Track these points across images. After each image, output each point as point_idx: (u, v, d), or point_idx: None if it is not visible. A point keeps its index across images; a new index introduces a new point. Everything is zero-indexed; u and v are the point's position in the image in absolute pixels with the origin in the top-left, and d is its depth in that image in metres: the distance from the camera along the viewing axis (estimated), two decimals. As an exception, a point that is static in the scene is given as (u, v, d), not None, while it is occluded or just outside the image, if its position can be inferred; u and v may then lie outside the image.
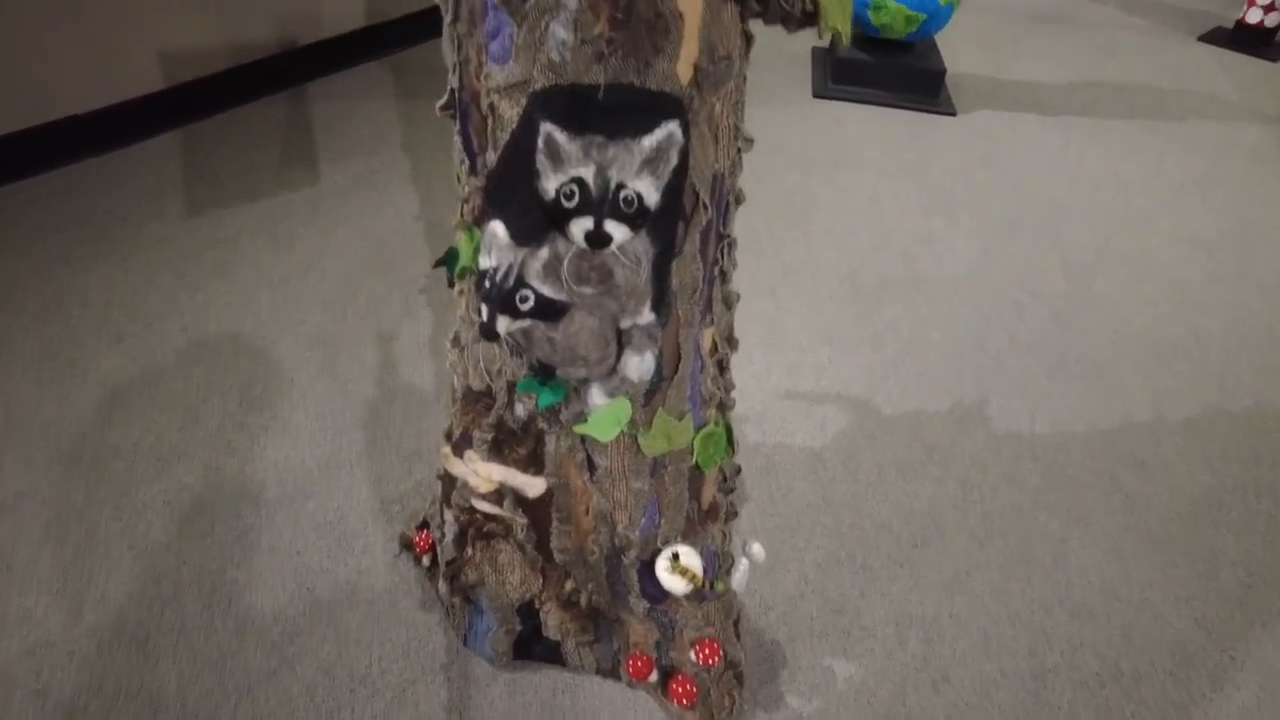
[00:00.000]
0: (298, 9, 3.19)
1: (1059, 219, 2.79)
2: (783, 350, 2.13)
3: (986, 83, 3.71)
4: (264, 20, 3.10)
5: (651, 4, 0.77)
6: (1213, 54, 4.47)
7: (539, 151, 0.85)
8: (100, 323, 2.11)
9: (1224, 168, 3.25)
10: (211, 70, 2.98)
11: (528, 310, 0.94)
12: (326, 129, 2.97)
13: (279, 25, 3.14)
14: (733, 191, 1.04)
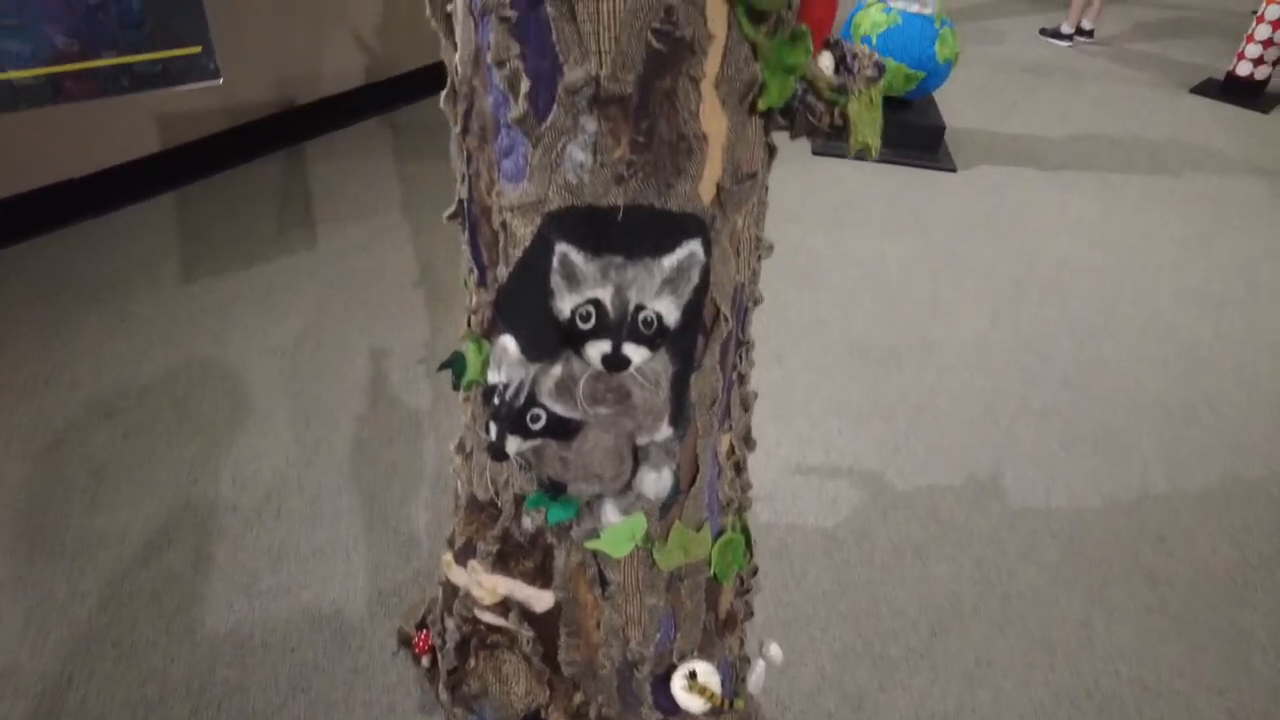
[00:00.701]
0: (297, 69, 3.18)
1: (1065, 278, 2.77)
2: (792, 421, 2.08)
3: (985, 137, 3.72)
4: (264, 81, 3.09)
5: (674, 126, 0.73)
6: (1205, 106, 4.51)
7: (554, 272, 0.81)
8: (89, 397, 2.05)
9: (1225, 223, 3.25)
10: (209, 131, 2.96)
11: (539, 429, 0.89)
12: (324, 190, 2.95)
13: (278, 86, 3.14)
14: (752, 297, 0.99)
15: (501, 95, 0.74)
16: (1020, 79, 4.58)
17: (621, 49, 0.67)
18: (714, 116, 0.74)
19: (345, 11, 3.29)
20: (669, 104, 0.71)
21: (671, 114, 0.72)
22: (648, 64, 0.68)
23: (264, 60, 3.06)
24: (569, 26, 0.67)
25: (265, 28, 3.01)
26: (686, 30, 0.67)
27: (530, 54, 0.70)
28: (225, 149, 3.02)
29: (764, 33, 0.71)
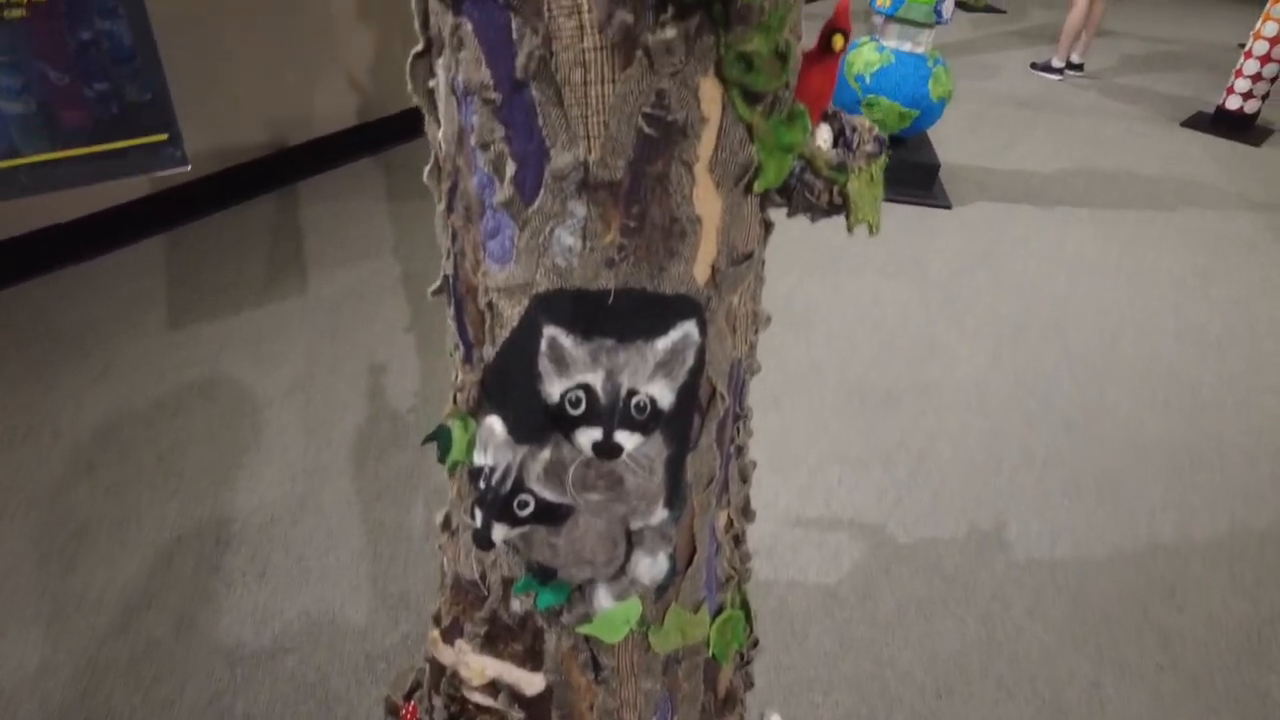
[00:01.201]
0: (290, 110, 3.17)
1: (1063, 318, 2.74)
2: (791, 471, 2.04)
3: (980, 173, 3.72)
4: (255, 123, 3.08)
5: (666, 210, 0.69)
6: (1196, 139, 4.53)
7: (542, 355, 0.77)
8: (71, 451, 2.00)
9: (1221, 258, 3.24)
10: (199, 174, 2.94)
11: (527, 516, 0.84)
12: (316, 233, 2.92)
13: (269, 127, 3.12)
14: (749, 370, 0.96)
15: (486, 177, 0.71)
16: (1013, 113, 4.60)
17: (611, 134, 0.64)
18: (708, 198, 0.70)
19: (337, 52, 3.29)
20: (661, 188, 0.68)
21: (664, 198, 0.68)
22: (638, 148, 0.65)
23: (256, 102, 3.05)
24: (555, 111, 0.64)
25: (257, 69, 3.01)
26: (679, 114, 0.64)
27: (516, 137, 0.67)
28: (215, 191, 2.99)
29: (760, 113, 0.68)
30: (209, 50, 2.83)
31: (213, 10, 2.79)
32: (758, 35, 0.62)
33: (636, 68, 0.61)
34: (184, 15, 2.72)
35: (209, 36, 2.81)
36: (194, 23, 2.75)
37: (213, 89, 2.90)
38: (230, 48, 2.88)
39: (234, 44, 2.89)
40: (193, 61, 2.80)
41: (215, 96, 2.91)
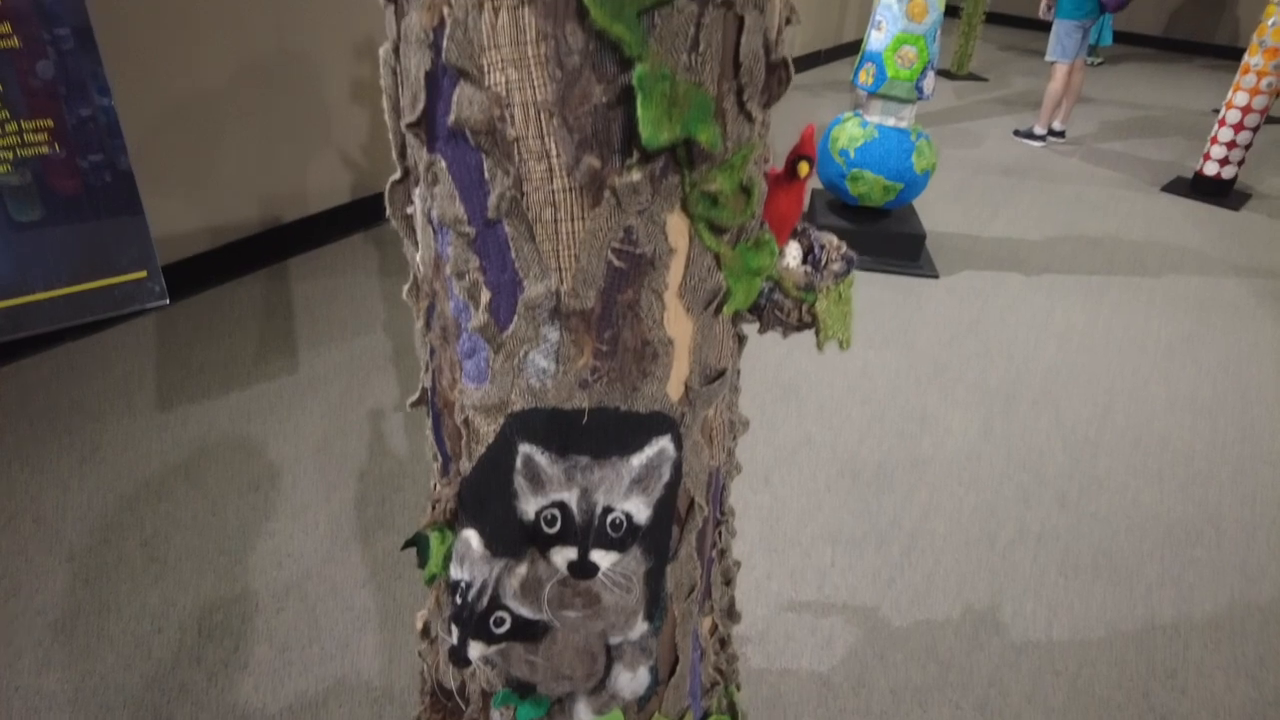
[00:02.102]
0: (284, 188, 3.22)
1: (1054, 388, 2.75)
2: (783, 551, 2.01)
3: (966, 241, 3.78)
4: (249, 201, 3.12)
5: (638, 334, 0.70)
6: (1177, 204, 4.61)
7: (517, 472, 0.77)
8: (52, 538, 1.97)
9: (1208, 324, 3.27)
10: (192, 252, 2.97)
11: (504, 633, 0.83)
12: (307, 310, 2.94)
13: (263, 205, 3.17)
14: (729, 474, 0.95)
15: (462, 303, 0.72)
16: (997, 181, 4.69)
17: (582, 266, 0.65)
18: (679, 321, 0.71)
19: (332, 130, 3.36)
20: (632, 314, 0.69)
21: (635, 323, 0.69)
22: (609, 279, 0.66)
23: (250, 180, 3.10)
24: (528, 246, 0.65)
25: (252, 148, 3.07)
26: (647, 247, 0.65)
27: (490, 268, 0.68)
28: (208, 268, 3.02)
29: (727, 242, 0.69)
30: (206, 130, 2.89)
31: (210, 91, 2.86)
32: (721, 175, 0.64)
33: (605, 207, 0.63)
34: (182, 96, 2.78)
35: (206, 117, 2.87)
36: (192, 103, 2.82)
37: (208, 168, 2.95)
38: (226, 127, 2.95)
39: (230, 124, 2.95)
40: (189, 141, 2.86)
41: (210, 175, 2.96)
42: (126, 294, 0.77)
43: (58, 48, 0.85)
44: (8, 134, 0.66)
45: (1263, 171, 5.24)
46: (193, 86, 2.81)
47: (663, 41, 0.57)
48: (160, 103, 2.73)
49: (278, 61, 3.06)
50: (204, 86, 2.84)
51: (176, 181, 2.88)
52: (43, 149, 0.68)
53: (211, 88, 2.87)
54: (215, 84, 2.88)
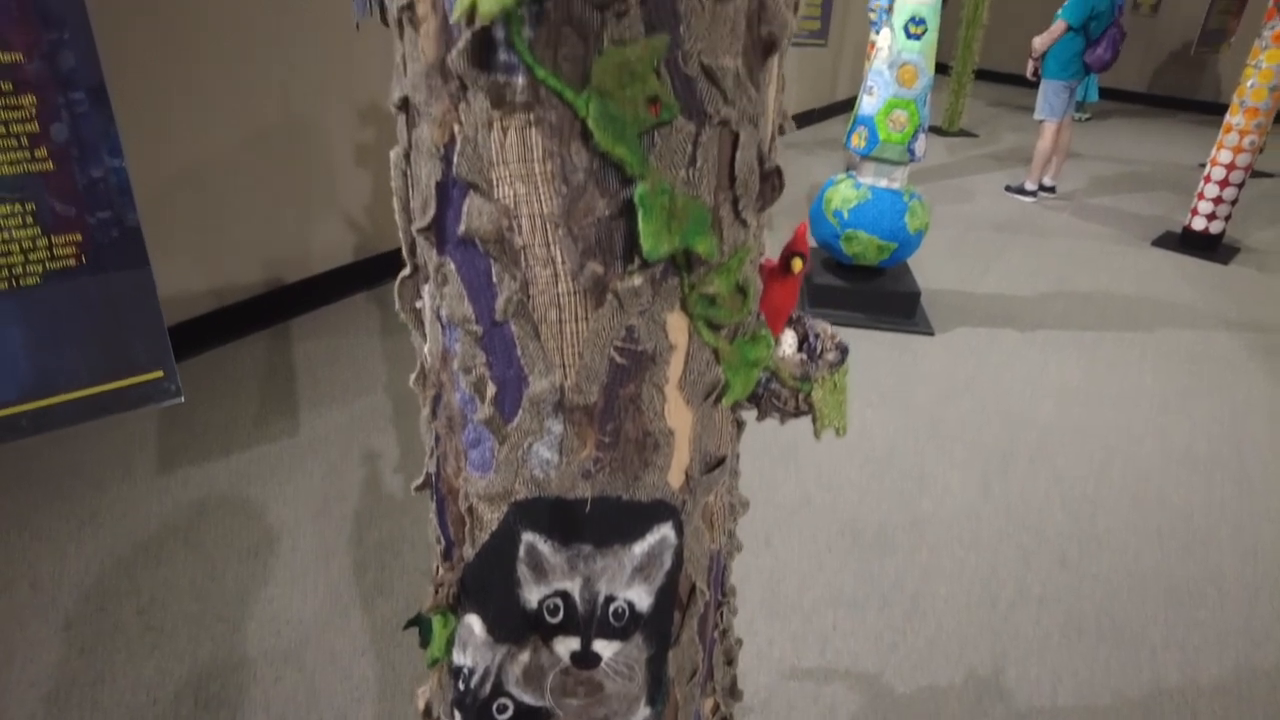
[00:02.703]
0: (288, 249, 3.28)
1: (1051, 444, 2.76)
2: (785, 616, 2.00)
3: (960, 298, 3.83)
4: (253, 262, 3.17)
5: (640, 425, 0.72)
6: (1167, 259, 4.68)
7: (520, 561, 0.78)
8: (48, 605, 1.96)
9: (1202, 379, 3.29)
10: (195, 313, 3.00)
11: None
12: (309, 370, 2.96)
13: (267, 266, 3.22)
14: (729, 555, 0.96)
15: (468, 396, 0.74)
16: (990, 237, 4.77)
17: (585, 363, 0.68)
18: (679, 413, 0.73)
19: (337, 193, 3.43)
20: (634, 406, 0.71)
21: (637, 415, 0.71)
22: (611, 375, 0.68)
23: (255, 242, 3.16)
24: (533, 344, 0.67)
25: (257, 210, 3.12)
26: (648, 344, 0.68)
27: (496, 364, 0.70)
28: (211, 329, 3.05)
29: (724, 337, 0.72)
30: (212, 193, 2.95)
31: (217, 154, 2.93)
32: (718, 277, 0.67)
33: (608, 308, 0.65)
34: (190, 160, 2.85)
35: (213, 180, 2.93)
36: (199, 167, 2.88)
37: (214, 230, 3.00)
38: (232, 190, 3.01)
39: (236, 186, 3.01)
40: (196, 204, 2.92)
41: (216, 237, 3.02)
42: (143, 394, 0.79)
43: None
44: (38, 248, 0.69)
45: (1250, 225, 5.33)
46: (200, 151, 2.87)
47: (662, 158, 0.60)
48: (168, 167, 2.79)
49: (284, 126, 3.14)
50: (211, 150, 2.91)
51: (183, 244, 2.92)
52: (70, 262, 0.71)
53: (219, 152, 2.93)
54: (222, 148, 2.94)
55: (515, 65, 0.57)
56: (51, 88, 0.83)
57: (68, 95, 0.86)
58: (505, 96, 0.58)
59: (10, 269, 0.67)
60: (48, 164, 0.67)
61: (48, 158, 0.67)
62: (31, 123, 0.66)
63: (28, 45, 0.68)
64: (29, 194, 0.67)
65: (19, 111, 0.65)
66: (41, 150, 0.67)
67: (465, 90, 0.59)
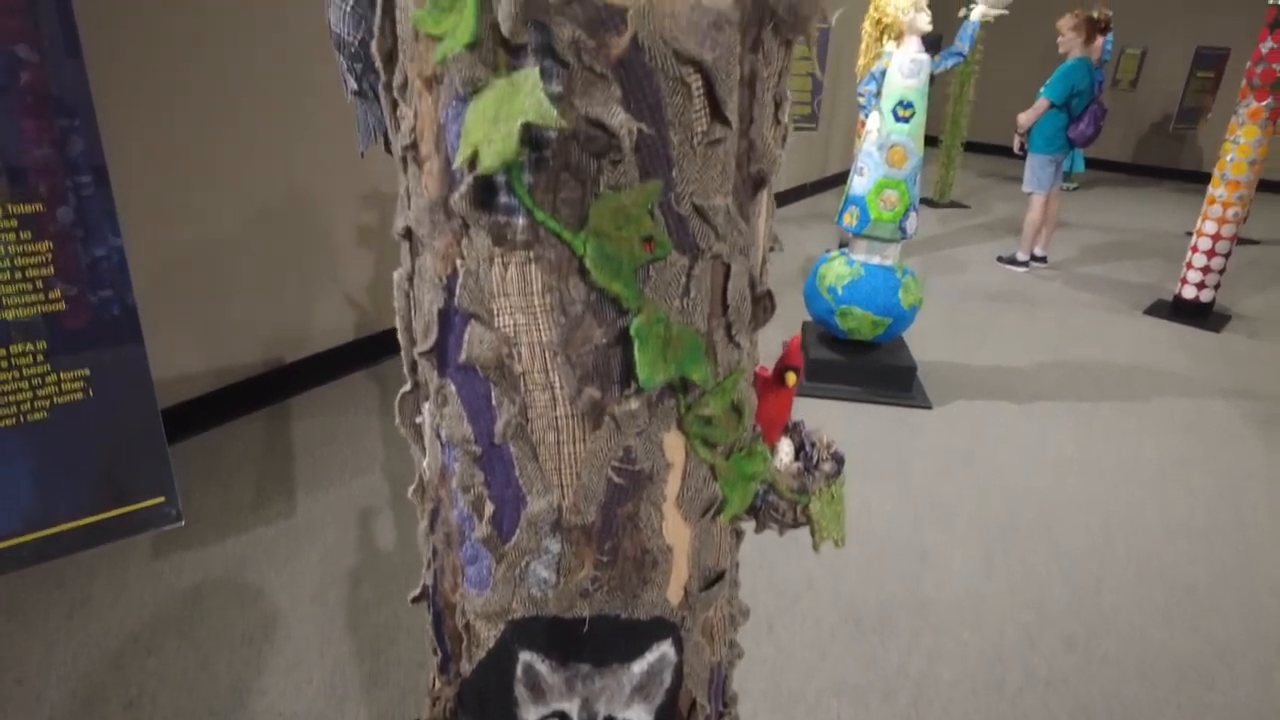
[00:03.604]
0: (288, 329, 3.31)
1: (1052, 519, 2.75)
2: (789, 708, 1.96)
3: (957, 370, 3.85)
4: (253, 342, 3.20)
5: (638, 543, 0.73)
6: (1160, 327, 4.73)
7: (518, 681, 0.77)
8: (33, 701, 1.91)
9: (1200, 448, 3.29)
10: (194, 394, 3.01)
11: (505, 842, 0.81)
12: (307, 450, 2.96)
13: (267, 345, 3.24)
14: (731, 664, 0.95)
15: (466, 513, 0.74)
16: (984, 307, 4.83)
17: (583, 483, 0.68)
18: (677, 529, 0.74)
19: (338, 272, 3.48)
20: (632, 525, 0.71)
21: (634, 533, 0.72)
22: (609, 494, 0.69)
23: (256, 322, 3.19)
24: (532, 465, 0.68)
25: (258, 290, 3.16)
26: (645, 464, 0.69)
27: (494, 483, 0.71)
28: (210, 409, 3.06)
29: (721, 454, 0.73)
30: (214, 273, 3.00)
31: (220, 235, 2.98)
32: (714, 399, 0.68)
33: (605, 430, 0.67)
34: (193, 240, 2.90)
35: (215, 260, 2.98)
36: (202, 247, 2.93)
37: (215, 310, 3.04)
38: (234, 270, 3.05)
39: (238, 267, 3.06)
40: (198, 284, 2.96)
41: (217, 317, 3.05)
42: (144, 519, 0.80)
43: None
44: (46, 384, 0.70)
45: (1239, 292, 5.41)
46: (203, 231, 2.93)
47: (657, 290, 0.62)
48: (170, 247, 2.84)
49: (287, 207, 3.20)
50: (214, 231, 2.97)
51: (183, 324, 2.95)
52: (77, 395, 0.72)
53: (221, 232, 2.99)
54: (225, 228, 3.00)
55: (516, 207, 0.60)
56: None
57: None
58: (506, 235, 0.61)
59: (19, 405, 0.69)
60: (60, 304, 0.69)
61: (60, 298, 0.69)
62: (47, 267, 0.69)
63: (49, 193, 0.71)
64: (41, 333, 0.70)
65: (36, 257, 0.67)
66: (55, 292, 0.69)
67: (467, 228, 0.62)
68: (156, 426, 0.78)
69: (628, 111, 0.55)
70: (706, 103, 0.57)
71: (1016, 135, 5.39)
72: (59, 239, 0.68)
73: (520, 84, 0.53)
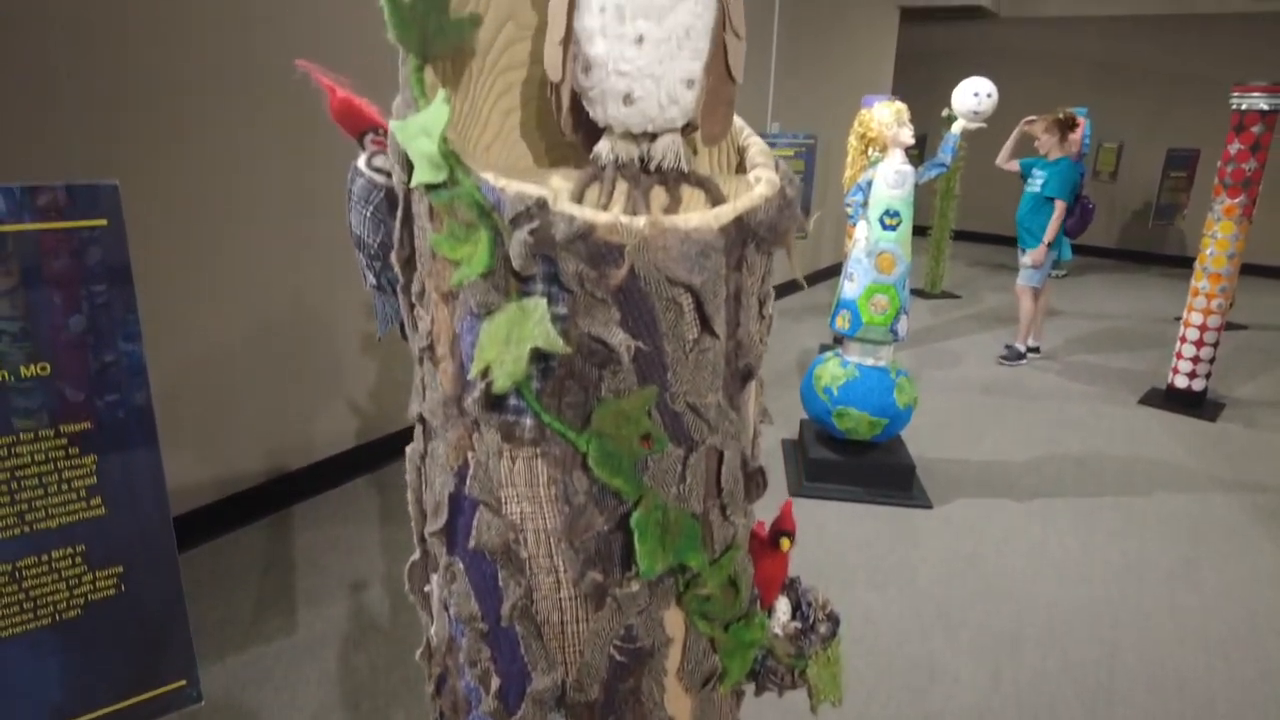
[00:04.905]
0: (292, 437, 3.34)
1: (1059, 626, 2.72)
2: (796, 835, 1.90)
3: (956, 467, 3.87)
4: (257, 450, 3.23)
5: (640, 716, 0.75)
6: (1155, 417, 4.77)
7: None
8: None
9: (1205, 546, 3.28)
10: (195, 505, 3.02)
11: None
12: (308, 561, 2.95)
13: (271, 454, 3.27)
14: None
15: (473, 685, 0.77)
16: (981, 401, 4.87)
17: (586, 661, 0.71)
18: (679, 701, 0.76)
19: (341, 380, 3.54)
20: (634, 699, 0.74)
21: (636, 706, 0.74)
22: (611, 671, 0.72)
23: (260, 431, 3.23)
24: (536, 644, 0.71)
25: (263, 400, 3.21)
26: (646, 640, 0.72)
27: (500, 658, 0.73)
28: (212, 521, 3.06)
29: (719, 626, 0.76)
30: (220, 385, 3.05)
31: (227, 347, 3.05)
32: (711, 577, 0.72)
33: (607, 610, 0.70)
34: (199, 353, 2.96)
35: (221, 372, 3.04)
36: (208, 359, 2.99)
37: (220, 421, 3.08)
38: (240, 381, 3.11)
39: (243, 377, 3.12)
40: (204, 396, 3.01)
41: (221, 428, 3.09)
42: (165, 702, 0.82)
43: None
44: (83, 583, 0.74)
45: (1232, 379, 5.46)
46: (210, 344, 3.00)
47: (655, 479, 0.67)
48: (178, 359, 2.90)
49: (293, 318, 3.29)
50: (221, 343, 3.04)
51: (188, 436, 2.99)
52: (110, 591, 0.76)
53: (228, 344, 3.06)
54: (232, 341, 3.07)
55: (524, 409, 0.65)
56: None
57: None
58: (515, 433, 0.65)
59: (54, 605, 0.72)
60: (100, 510, 0.73)
61: (101, 504, 0.74)
62: (90, 477, 0.73)
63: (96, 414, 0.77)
64: (81, 538, 0.74)
65: (81, 469, 0.72)
66: (96, 499, 0.74)
67: (479, 425, 0.67)
68: (182, 612, 0.81)
69: (626, 330, 0.61)
70: (697, 316, 0.63)
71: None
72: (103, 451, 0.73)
73: (530, 311, 0.59)
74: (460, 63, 0.67)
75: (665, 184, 0.66)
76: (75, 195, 0.79)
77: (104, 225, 0.83)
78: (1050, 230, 5.23)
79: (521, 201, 0.57)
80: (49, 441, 0.73)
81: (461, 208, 0.59)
